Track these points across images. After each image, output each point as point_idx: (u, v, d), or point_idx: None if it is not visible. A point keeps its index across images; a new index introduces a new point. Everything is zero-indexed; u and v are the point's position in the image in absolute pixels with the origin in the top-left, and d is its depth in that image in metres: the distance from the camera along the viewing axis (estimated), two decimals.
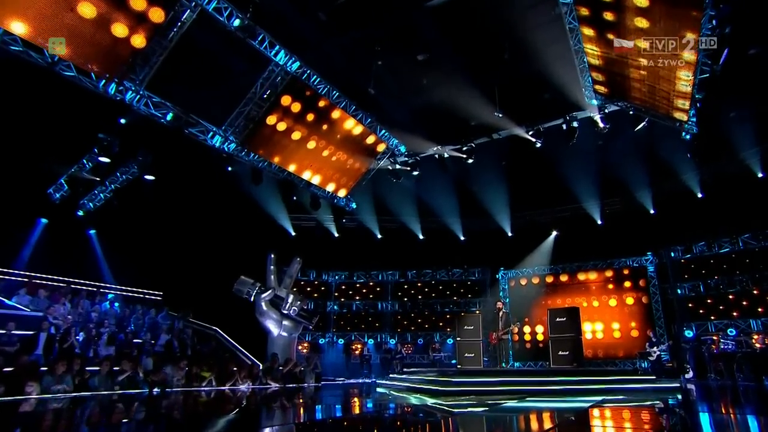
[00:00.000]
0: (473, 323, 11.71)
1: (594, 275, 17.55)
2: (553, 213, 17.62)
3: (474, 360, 11.38)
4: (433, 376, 9.47)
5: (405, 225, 18.51)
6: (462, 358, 11.51)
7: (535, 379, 8.77)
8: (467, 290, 19.34)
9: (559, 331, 11.01)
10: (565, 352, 10.68)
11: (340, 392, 10.04)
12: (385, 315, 19.28)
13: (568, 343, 10.76)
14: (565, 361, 10.61)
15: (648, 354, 14.09)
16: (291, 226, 17.76)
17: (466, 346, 11.60)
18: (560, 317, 11.22)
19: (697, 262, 15.83)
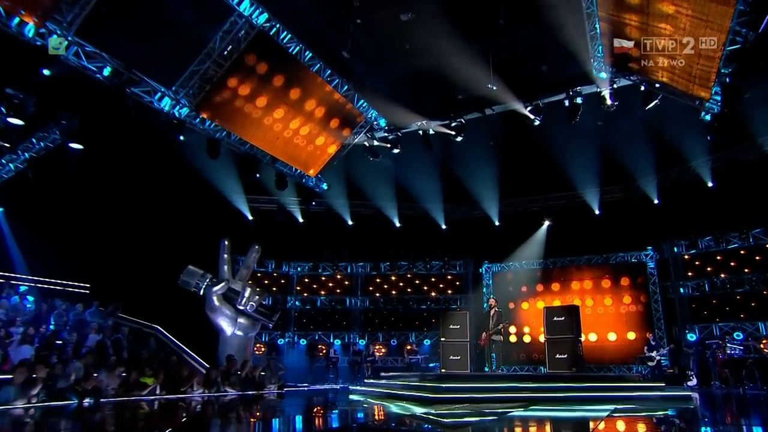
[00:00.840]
0: (460, 322, 11.69)
1: (588, 271, 17.66)
2: (546, 201, 17.71)
3: (460, 363, 11.36)
4: (418, 381, 9.30)
5: (380, 211, 18.41)
6: (446, 360, 11.50)
7: (534, 386, 8.78)
8: (447, 285, 19.35)
9: (557, 332, 11.00)
10: (562, 355, 10.66)
11: (308, 400, 9.79)
12: (354, 312, 19.20)
13: (566, 345, 10.74)
14: (563, 366, 10.61)
15: (648, 359, 14.23)
16: (248, 209, 17.46)
17: (451, 348, 11.54)
18: (558, 316, 11.16)
19: (702, 259, 16.09)
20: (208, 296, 11.21)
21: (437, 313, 18.52)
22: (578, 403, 7.77)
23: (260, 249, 12.15)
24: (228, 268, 11.55)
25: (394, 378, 11.16)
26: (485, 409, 6.98)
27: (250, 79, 11.72)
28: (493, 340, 11.56)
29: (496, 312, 11.71)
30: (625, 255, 17.36)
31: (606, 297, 17.23)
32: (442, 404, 7.57)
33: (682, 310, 16.29)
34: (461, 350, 11.49)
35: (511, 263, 18.66)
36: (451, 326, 11.68)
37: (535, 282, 18.13)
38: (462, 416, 6.34)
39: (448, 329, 11.69)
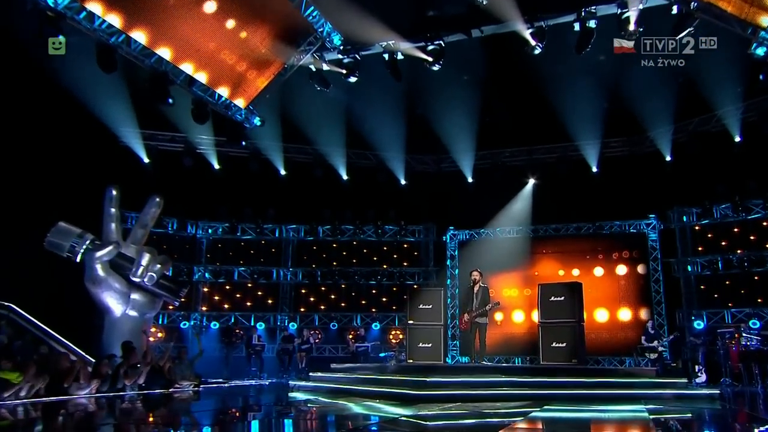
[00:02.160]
0: (432, 301, 11.75)
1: (576, 243, 17.63)
2: (532, 154, 17.51)
3: (432, 352, 11.46)
4: (389, 374, 9.69)
5: (323, 158, 17.96)
6: (414, 349, 11.60)
7: (534, 381, 8.99)
8: (403, 256, 19.08)
9: (553, 314, 11.05)
10: (560, 343, 10.79)
11: (238, 402, 9.62)
12: (283, 288, 18.90)
13: (565, 332, 10.84)
14: (562, 357, 10.69)
15: (648, 350, 14.21)
16: (144, 149, 16.79)
17: (420, 333, 11.63)
18: (556, 295, 11.21)
19: (716, 230, 16.17)
20: (89, 264, 10.73)
21: (389, 290, 18.91)
22: (594, 402, 7.97)
23: (162, 202, 11.60)
24: (116, 226, 11.17)
25: (352, 371, 11.18)
26: (485, 409, 7.13)
27: None
28: (477, 323, 11.42)
29: (481, 288, 11.63)
30: (622, 224, 17.32)
31: (596, 275, 17.05)
32: (428, 403, 7.65)
33: (688, 293, 16.40)
34: (433, 336, 11.59)
35: (483, 230, 18.48)
36: (421, 306, 11.76)
37: (511, 254, 17.75)
38: (460, 420, 6.46)
39: (416, 310, 11.76)
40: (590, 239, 17.58)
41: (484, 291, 11.62)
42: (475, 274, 11.82)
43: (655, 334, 14.45)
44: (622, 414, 7.11)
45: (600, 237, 17.49)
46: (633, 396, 8.49)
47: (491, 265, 17.57)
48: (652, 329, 14.60)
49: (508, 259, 17.82)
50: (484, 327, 11.57)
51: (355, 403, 8.24)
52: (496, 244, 18.10)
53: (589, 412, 7.22)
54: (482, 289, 11.63)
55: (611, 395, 8.51)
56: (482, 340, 11.51)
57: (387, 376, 9.77)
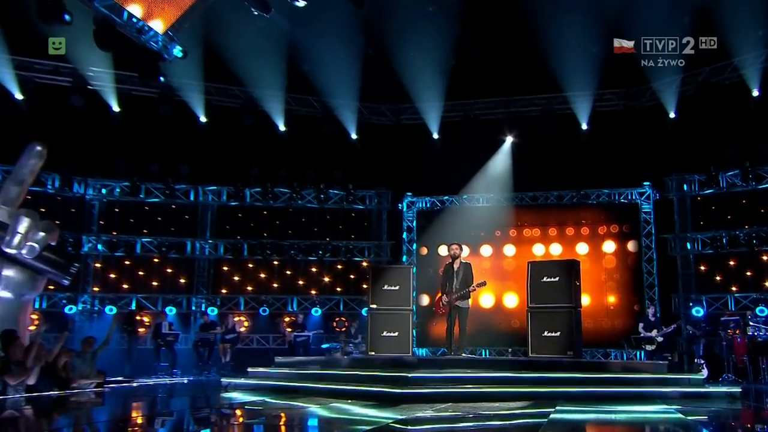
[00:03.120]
0: (399, 280, 11.70)
1: (557, 214, 17.64)
2: (511, 106, 17.45)
3: (399, 342, 11.46)
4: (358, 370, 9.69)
5: (255, 103, 17.41)
6: (377, 338, 11.61)
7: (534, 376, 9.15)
8: (350, 226, 18.97)
9: (546, 298, 10.99)
10: (553, 332, 10.73)
11: (162, 406, 9.51)
12: (199, 264, 18.46)
13: (560, 319, 10.78)
14: (555, 348, 10.67)
15: (646, 340, 14.07)
16: (17, 83, 15.91)
17: (384, 321, 11.61)
18: (549, 275, 11.06)
19: (721, 201, 16.14)
20: None
21: (332, 268, 18.66)
22: (606, 401, 8.09)
23: (44, 153, 10.96)
24: None
25: (303, 366, 11.25)
26: (485, 410, 7.24)
27: None
28: (458, 308, 11.27)
29: (462, 265, 11.46)
30: (611, 192, 17.35)
31: (579, 253, 16.88)
32: (413, 404, 7.72)
33: (686, 274, 16.43)
34: (400, 324, 11.57)
35: (447, 197, 18.36)
36: (386, 287, 11.70)
37: (480, 227, 17.78)
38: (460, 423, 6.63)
39: (380, 292, 11.74)
40: (573, 210, 17.64)
41: (466, 268, 11.44)
42: (455, 248, 11.67)
43: (655, 323, 14.25)
44: (653, 416, 7.23)
45: (585, 208, 17.54)
46: (645, 395, 8.53)
47: (455, 240, 17.08)
48: (653, 316, 14.45)
49: (475, 234, 17.76)
50: (465, 312, 11.38)
51: (319, 405, 8.12)
52: (463, 214, 18.08)
53: (614, 414, 7.30)
54: (464, 266, 11.45)
55: (621, 393, 8.52)
56: (463, 328, 11.40)
57: (354, 370, 9.84)
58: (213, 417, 7.89)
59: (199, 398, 10.80)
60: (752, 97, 14.59)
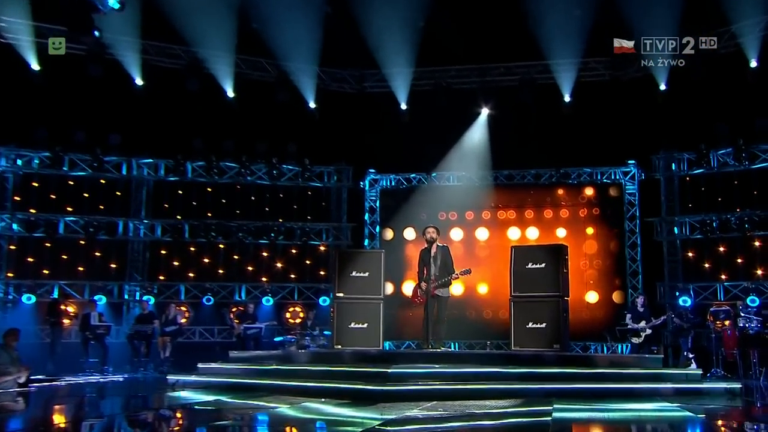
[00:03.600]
0: (369, 266, 11.64)
1: (534, 194, 17.63)
2: (487, 74, 17.28)
3: (368, 335, 11.39)
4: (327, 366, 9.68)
5: (200, 65, 16.86)
6: (343, 330, 11.49)
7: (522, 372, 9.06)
8: (306, 206, 18.71)
9: (530, 286, 10.86)
10: (539, 324, 10.63)
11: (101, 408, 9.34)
12: (133, 247, 18.11)
13: (546, 309, 10.68)
14: (540, 341, 10.59)
15: (632, 333, 13.87)
16: None
17: (352, 310, 11.54)
18: (534, 262, 10.94)
19: (712, 182, 16.13)
20: None
21: (286, 252, 18.31)
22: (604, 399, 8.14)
23: None
24: None
25: (260, 360, 11.05)
26: (475, 410, 7.26)
27: None
28: (438, 297, 11.07)
29: (440, 249, 11.28)
30: (593, 171, 17.27)
31: (559, 237, 16.81)
32: (394, 402, 7.66)
33: (672, 261, 16.48)
34: (370, 314, 11.50)
35: (414, 175, 18.22)
36: (354, 273, 11.61)
37: (450, 209, 17.80)
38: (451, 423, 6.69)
39: (347, 279, 11.65)
40: (552, 191, 17.59)
41: (444, 253, 11.28)
42: (431, 231, 11.43)
43: (644, 314, 13.97)
44: (664, 414, 7.35)
45: (565, 188, 17.49)
46: (641, 391, 8.58)
47: (423, 224, 16.62)
48: (642, 307, 14.12)
49: (445, 216, 17.66)
50: (445, 302, 11.23)
51: (289, 405, 7.97)
52: (431, 194, 18.00)
53: (621, 413, 7.35)
54: (442, 251, 11.27)
55: (616, 390, 8.54)
56: (442, 319, 11.14)
57: (322, 365, 9.78)
58: (173, 421, 7.68)
59: (147, 399, 10.60)
60: (749, 68, 14.41)
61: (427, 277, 11.11)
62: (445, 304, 11.29)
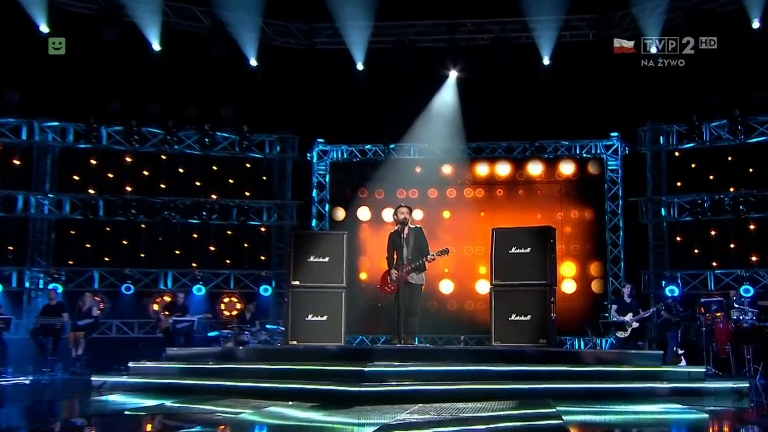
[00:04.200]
0: (329, 251, 11.54)
1: (505, 168, 17.35)
2: (456, 31, 17.11)
3: (328, 328, 11.31)
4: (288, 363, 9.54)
5: (119, 13, 16.23)
6: (300, 324, 11.41)
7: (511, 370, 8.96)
8: (244, 180, 18.43)
9: (513, 274, 10.76)
10: (522, 316, 10.56)
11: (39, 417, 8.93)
12: (35, 226, 17.63)
13: (531, 299, 10.64)
14: (524, 335, 10.53)
15: (617, 326, 13.67)
16: None
17: (310, 300, 11.44)
18: (518, 245, 10.84)
19: (704, 158, 16.06)
20: None
21: (221, 234, 17.92)
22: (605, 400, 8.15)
23: None
24: None
25: (202, 359, 10.89)
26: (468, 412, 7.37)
27: None
28: (411, 284, 10.82)
29: (413, 231, 11.02)
30: (571, 144, 17.07)
31: (529, 215, 16.61)
32: (373, 405, 7.60)
33: (658, 246, 16.45)
34: (330, 305, 11.41)
35: (370, 146, 17.93)
36: (312, 258, 11.48)
37: (409, 185, 17.55)
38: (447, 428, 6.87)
39: (304, 265, 11.50)
40: (526, 165, 17.27)
41: (417, 234, 10.98)
42: (403, 212, 11.13)
43: (631, 305, 13.80)
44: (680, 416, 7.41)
45: (540, 163, 17.29)
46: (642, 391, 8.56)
47: (378, 203, 17.50)
48: (630, 297, 13.98)
49: (405, 194, 17.34)
50: (418, 290, 10.92)
51: (252, 410, 7.77)
52: (389, 169, 17.79)
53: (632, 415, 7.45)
54: (415, 233, 10.96)
55: (617, 390, 8.50)
56: (414, 310, 10.86)
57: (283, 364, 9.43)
58: None
59: (73, 405, 10.07)
60: (751, 29, 14.22)
61: (398, 262, 10.88)
62: (419, 294, 11.02)
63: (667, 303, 14.85)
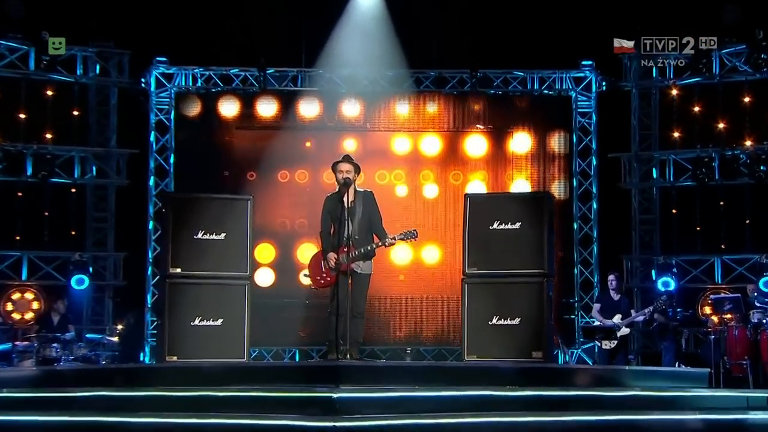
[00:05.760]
0: (228, 223, 11.16)
1: (432, 107, 16.68)
2: None
3: (224, 337, 10.89)
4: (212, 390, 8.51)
5: None
6: (181, 331, 10.89)
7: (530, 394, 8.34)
8: (42, 114, 16.83)
9: (495, 261, 10.61)
10: (508, 319, 10.47)
11: None
12: None
13: (522, 296, 10.51)
14: (510, 346, 10.35)
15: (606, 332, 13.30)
16: None
17: (197, 297, 10.96)
18: (501, 219, 10.67)
19: (711, 98, 15.71)
20: None
21: (6, 194, 16.70)
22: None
23: None
24: None
25: None
26: None
27: None
28: (356, 274, 10.32)
29: (361, 196, 10.46)
30: (527, 76, 16.35)
31: (470, 176, 16.52)
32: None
33: (646, 222, 16.23)
34: (228, 303, 10.92)
35: (239, 71, 16.74)
36: (200, 235, 10.97)
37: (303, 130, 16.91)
38: None
39: (188, 243, 10.98)
40: (464, 106, 16.66)
41: (367, 202, 10.36)
42: (346, 169, 10.33)
43: (620, 304, 13.42)
44: None
45: (483, 103, 16.54)
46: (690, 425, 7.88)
47: (267, 167, 16.53)
48: (616, 292, 13.53)
49: (293, 149, 16.66)
50: (365, 281, 10.34)
51: None
52: (266, 105, 16.82)
53: None
54: (364, 200, 10.33)
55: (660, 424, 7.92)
56: (361, 309, 10.19)
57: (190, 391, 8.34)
58: None
59: None
60: None
61: (335, 239, 10.13)
62: (365, 286, 10.33)
63: (660, 301, 13.76)
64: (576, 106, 16.34)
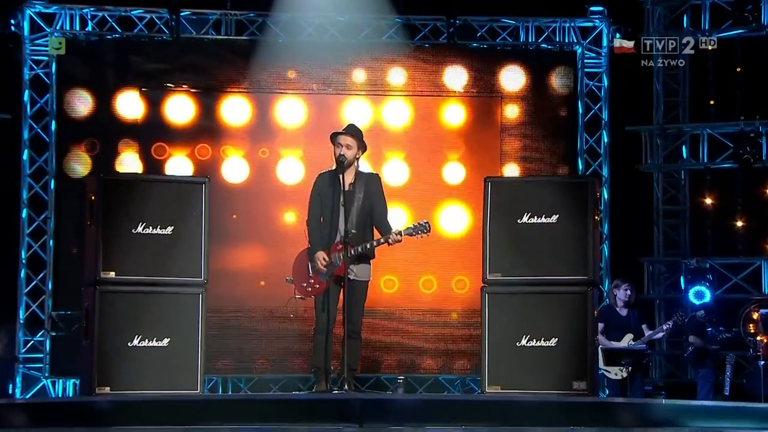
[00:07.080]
0: (178, 212, 11.00)
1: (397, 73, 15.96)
2: None
3: (173, 362, 10.85)
4: None
5: None
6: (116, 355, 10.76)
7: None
8: None
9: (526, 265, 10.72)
10: (543, 341, 10.52)
11: None
12: None
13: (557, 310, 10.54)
14: (545, 377, 10.31)
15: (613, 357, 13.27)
16: None
17: (136, 310, 10.84)
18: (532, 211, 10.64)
19: (759, 57, 15.35)
20: None
21: None
22: None
23: None
24: None
25: None
26: None
27: None
28: (352, 281, 10.36)
29: (360, 179, 10.47)
30: (521, 24, 15.65)
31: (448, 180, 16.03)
32: None
33: (672, 214, 15.85)
34: (177, 319, 10.78)
35: (142, 11, 15.88)
36: (141, 228, 10.86)
37: None
38: None
39: (122, 242, 10.82)
40: (441, 61, 15.84)
41: (371, 186, 10.39)
42: (346, 142, 10.22)
43: (631, 320, 13.35)
44: None
45: (466, 59, 15.69)
46: None
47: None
48: (625, 305, 13.43)
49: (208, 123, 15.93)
50: (363, 290, 10.34)
51: None
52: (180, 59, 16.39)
53: None
54: (368, 184, 10.37)
55: None
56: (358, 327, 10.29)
57: None
58: None
59: None
60: None
61: (329, 236, 10.13)
62: (363, 297, 10.27)
63: (695, 317, 14.09)
64: (582, 65, 15.69)
